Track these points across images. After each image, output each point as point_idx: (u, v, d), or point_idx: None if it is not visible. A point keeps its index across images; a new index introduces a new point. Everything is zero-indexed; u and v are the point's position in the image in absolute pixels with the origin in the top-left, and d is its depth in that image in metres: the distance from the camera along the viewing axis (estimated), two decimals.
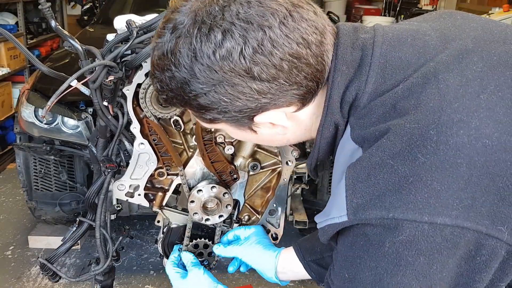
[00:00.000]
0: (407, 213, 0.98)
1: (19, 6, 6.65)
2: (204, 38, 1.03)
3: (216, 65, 1.04)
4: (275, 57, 1.04)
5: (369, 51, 1.14)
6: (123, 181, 1.86)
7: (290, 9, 1.06)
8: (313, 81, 1.12)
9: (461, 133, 0.98)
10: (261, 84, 1.07)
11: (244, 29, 1.02)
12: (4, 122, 6.08)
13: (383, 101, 1.09)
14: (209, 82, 1.07)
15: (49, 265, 1.93)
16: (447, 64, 1.08)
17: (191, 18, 1.05)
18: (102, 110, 1.71)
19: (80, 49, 1.64)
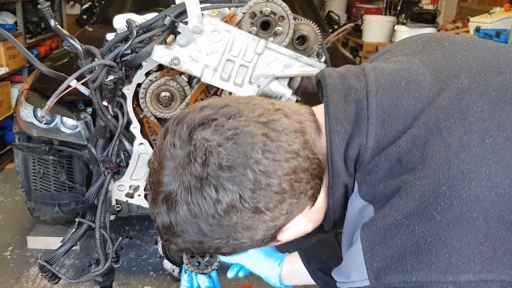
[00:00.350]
0: (431, 275, 0.96)
1: (18, 5, 6.63)
2: (201, 201, 1.01)
3: (223, 221, 1.03)
4: (273, 186, 1.02)
5: (364, 103, 1.09)
6: (123, 182, 1.84)
7: (265, 132, 1.03)
8: (315, 179, 1.11)
9: (473, 185, 0.95)
10: (272, 213, 1.05)
11: (232, 177, 1.00)
12: (3, 122, 6.06)
13: (388, 156, 1.06)
14: (223, 235, 1.06)
15: (49, 266, 1.91)
16: (446, 109, 1.04)
17: (179, 186, 1.03)
18: (102, 110, 1.69)
19: (79, 48, 1.62)
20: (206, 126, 1.03)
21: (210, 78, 1.66)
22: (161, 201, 1.06)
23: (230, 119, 1.03)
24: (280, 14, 1.69)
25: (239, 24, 1.70)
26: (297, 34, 1.75)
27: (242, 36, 1.67)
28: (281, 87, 1.73)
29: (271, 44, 1.69)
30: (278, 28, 1.70)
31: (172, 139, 1.05)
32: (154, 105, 1.74)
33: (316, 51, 1.79)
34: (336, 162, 1.11)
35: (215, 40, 1.65)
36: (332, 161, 1.11)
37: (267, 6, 1.67)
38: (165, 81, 1.73)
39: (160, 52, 1.59)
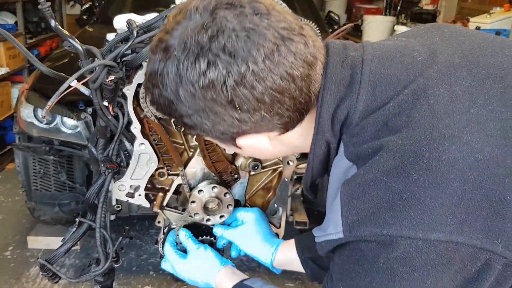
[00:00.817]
0: (401, 230, 0.99)
1: (18, 5, 6.65)
2: (190, 66, 1.05)
3: (199, 93, 1.07)
4: (256, 91, 1.05)
5: (359, 69, 1.14)
6: (124, 182, 1.85)
7: (278, 44, 1.06)
8: (296, 112, 1.14)
9: (453, 148, 1.00)
10: (242, 114, 1.09)
11: (228, 62, 1.03)
12: (3, 122, 6.07)
13: (375, 119, 1.10)
14: (191, 107, 1.10)
15: (49, 265, 1.92)
16: (436, 79, 1.09)
17: (181, 44, 1.07)
18: (102, 110, 1.70)
19: (80, 48, 1.63)
20: (232, 9, 1.06)
21: None
22: (160, 49, 1.11)
23: (256, 15, 1.06)
24: None
25: None
26: None
27: None
28: None
29: None
30: None
31: (198, 3, 1.09)
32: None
33: None
34: (323, 119, 1.16)
35: None
36: (320, 117, 1.16)
37: None
38: None
39: None
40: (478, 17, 5.11)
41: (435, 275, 1.01)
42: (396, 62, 1.14)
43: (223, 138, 1.19)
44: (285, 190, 1.93)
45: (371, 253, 1.05)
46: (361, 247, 1.07)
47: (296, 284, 3.85)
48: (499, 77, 1.09)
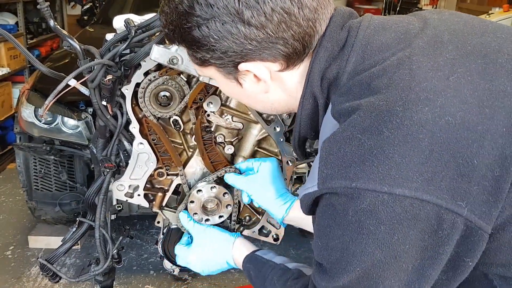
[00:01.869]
0: (368, 183, 1.03)
1: (19, 6, 6.65)
2: None
3: (211, 1, 1.11)
4: (267, 6, 1.10)
5: (354, 33, 1.20)
6: (123, 181, 1.85)
7: None
8: (299, 42, 1.18)
9: (426, 110, 1.03)
10: (249, 28, 1.12)
11: None
12: (4, 122, 6.07)
13: (360, 80, 1.14)
14: (202, 15, 1.13)
15: (49, 265, 1.92)
16: (422, 49, 1.13)
17: None
18: (101, 110, 1.71)
19: (78, 48, 1.64)
20: None
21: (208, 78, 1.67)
22: None
23: None
24: None
25: None
26: None
27: None
28: None
29: None
30: None
31: None
32: (153, 104, 1.75)
33: None
34: (313, 74, 1.22)
35: None
36: (311, 72, 1.22)
37: None
38: (164, 81, 1.74)
39: (159, 52, 1.60)
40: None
41: (402, 230, 1.03)
42: (390, 32, 1.19)
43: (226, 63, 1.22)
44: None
45: (341, 207, 1.08)
46: (332, 202, 1.11)
47: None
48: (483, 54, 1.12)
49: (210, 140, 1.82)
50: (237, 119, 1.83)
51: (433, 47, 1.14)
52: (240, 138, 1.88)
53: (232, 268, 1.77)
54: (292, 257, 4.04)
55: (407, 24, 1.23)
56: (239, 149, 1.89)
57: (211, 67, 1.26)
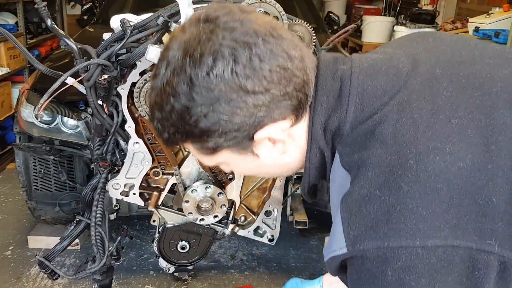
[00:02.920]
0: (401, 241, 1.04)
1: (19, 6, 6.64)
2: (197, 63, 1.09)
3: (211, 84, 1.09)
4: (264, 70, 1.10)
5: (347, 81, 1.21)
6: (118, 180, 1.86)
7: (270, 30, 1.13)
8: (302, 92, 1.18)
9: (437, 159, 1.06)
10: (255, 97, 1.11)
11: (232, 48, 1.08)
12: (4, 122, 6.06)
13: (364, 129, 1.17)
14: (206, 102, 1.11)
15: (47, 262, 1.93)
16: (419, 91, 1.15)
17: (181, 50, 1.11)
18: (97, 109, 1.71)
19: (74, 47, 1.64)
20: (221, 10, 1.15)
21: None
22: (162, 66, 1.14)
23: (243, 12, 1.15)
24: (273, 15, 1.70)
25: None
26: None
27: None
28: None
29: None
30: None
31: (190, 19, 1.17)
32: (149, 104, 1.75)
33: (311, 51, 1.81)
34: (315, 129, 1.23)
35: None
36: (313, 127, 1.23)
37: (260, 7, 1.68)
38: None
39: (154, 52, 1.61)
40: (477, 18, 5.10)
41: (441, 279, 1.04)
42: (382, 74, 1.21)
43: (241, 140, 1.20)
44: (280, 191, 1.94)
45: (378, 269, 1.09)
46: (368, 267, 1.11)
47: None
48: (478, 86, 1.15)
49: None
50: None
51: (429, 87, 1.16)
52: None
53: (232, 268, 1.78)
54: (292, 257, 4.06)
55: (396, 63, 1.24)
56: None
57: (224, 151, 1.24)
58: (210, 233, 1.99)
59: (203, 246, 2.11)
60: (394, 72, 1.21)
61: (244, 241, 4.21)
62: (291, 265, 4.02)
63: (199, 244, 2.11)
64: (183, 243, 2.23)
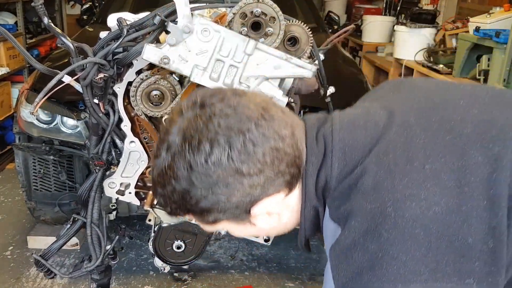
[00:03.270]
0: (383, 287, 1.11)
1: (18, 5, 6.64)
2: (196, 150, 1.16)
3: (209, 170, 1.17)
4: (258, 154, 1.18)
5: (329, 138, 1.28)
6: (114, 179, 1.86)
7: (262, 112, 1.21)
8: (293, 167, 1.26)
9: (414, 205, 1.11)
10: (251, 178, 1.19)
11: (227, 136, 1.16)
12: (3, 122, 6.06)
13: (348, 183, 1.23)
14: (206, 186, 1.19)
15: (43, 261, 1.93)
16: (394, 142, 1.22)
17: (181, 136, 1.19)
18: (93, 108, 1.71)
19: (71, 46, 1.64)
20: (215, 96, 1.23)
21: (200, 77, 1.67)
22: (163, 149, 1.22)
23: (236, 96, 1.24)
24: (271, 15, 1.69)
25: (230, 25, 1.71)
26: (288, 35, 1.76)
27: (232, 36, 1.68)
28: (272, 88, 1.74)
29: (261, 45, 1.69)
30: (269, 29, 1.71)
31: (187, 103, 1.24)
32: (145, 103, 1.75)
33: (307, 52, 1.80)
34: (309, 188, 1.30)
35: (205, 40, 1.66)
36: (306, 187, 1.30)
37: (257, 7, 1.68)
38: (156, 80, 1.74)
39: (150, 51, 1.61)
40: (478, 17, 5.09)
41: None
42: (361, 129, 1.28)
43: (239, 214, 1.27)
44: None
45: None
46: None
47: (296, 284, 3.85)
48: (449, 129, 1.21)
49: None
50: None
51: (404, 136, 1.22)
52: None
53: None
54: (292, 258, 4.06)
55: (373, 116, 1.31)
56: None
57: (223, 222, 1.32)
58: (205, 233, 1.98)
59: (198, 246, 2.11)
60: (372, 126, 1.28)
61: (244, 242, 4.21)
62: (291, 265, 4.02)
63: (195, 244, 2.11)
64: (179, 243, 2.23)
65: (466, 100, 1.32)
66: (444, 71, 5.38)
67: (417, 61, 6.02)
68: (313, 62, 1.81)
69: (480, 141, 1.18)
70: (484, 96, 1.35)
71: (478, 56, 4.97)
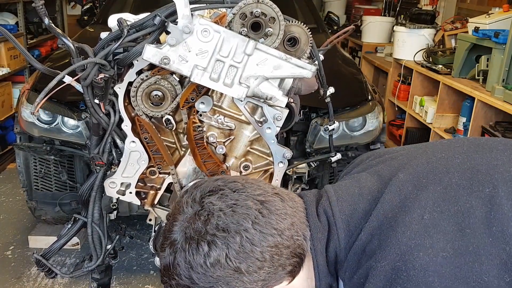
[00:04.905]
0: None
1: (19, 6, 6.65)
2: (195, 251, 1.21)
3: (209, 272, 1.21)
4: (256, 253, 1.21)
5: (330, 212, 1.32)
6: (115, 179, 1.86)
7: (259, 208, 1.25)
8: (294, 258, 1.28)
9: (421, 255, 1.15)
10: (250, 276, 1.22)
11: (224, 237, 1.20)
12: (4, 122, 6.08)
13: (355, 250, 1.28)
14: (206, 284, 1.23)
15: (44, 261, 1.94)
16: (390, 201, 1.27)
17: (182, 236, 1.23)
18: (94, 108, 1.72)
19: (71, 46, 1.65)
20: (214, 193, 1.27)
21: (200, 78, 1.68)
22: (167, 246, 1.27)
23: (235, 192, 1.27)
24: (270, 15, 1.70)
25: (230, 25, 1.72)
26: (288, 36, 1.76)
27: (232, 36, 1.68)
28: (271, 88, 1.75)
29: (260, 45, 1.70)
30: (268, 29, 1.72)
31: (187, 199, 1.29)
32: (145, 103, 1.76)
33: (307, 52, 1.81)
34: (321, 268, 1.33)
35: (205, 40, 1.67)
36: (318, 266, 1.33)
37: (257, 7, 1.69)
38: (156, 80, 1.75)
39: (150, 51, 1.62)
40: (477, 18, 5.09)
41: None
42: (357, 196, 1.33)
43: None
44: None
45: None
46: None
47: None
48: (438, 181, 1.27)
49: (202, 140, 1.83)
50: (229, 120, 1.85)
51: (397, 194, 1.27)
52: (232, 138, 1.89)
53: None
54: None
55: (364, 183, 1.37)
56: (231, 149, 1.90)
57: None
58: None
59: None
60: (367, 192, 1.33)
61: None
62: None
63: None
64: None
65: (446, 152, 1.38)
66: (443, 71, 5.38)
67: (416, 61, 6.02)
68: (312, 63, 1.81)
69: (469, 187, 1.23)
70: (462, 146, 1.41)
71: (477, 57, 4.97)
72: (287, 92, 1.82)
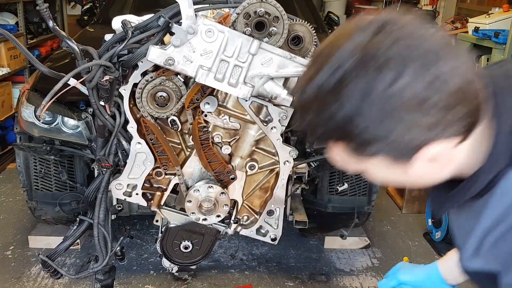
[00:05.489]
0: None
1: (19, 6, 6.64)
2: (376, 75, 0.99)
3: (387, 102, 0.99)
4: (443, 93, 1.00)
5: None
6: (121, 181, 1.87)
7: (448, 49, 1.03)
8: (473, 117, 1.08)
9: None
10: (430, 118, 1.01)
11: (415, 68, 0.98)
12: (4, 122, 6.07)
13: None
14: (376, 119, 1.01)
15: (50, 262, 1.94)
16: None
17: (359, 55, 1.00)
18: (99, 110, 1.72)
19: (76, 49, 1.65)
20: (401, 22, 1.03)
21: (204, 78, 1.68)
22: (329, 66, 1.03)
23: (422, 28, 1.03)
24: (274, 15, 1.70)
25: (234, 25, 1.72)
26: (292, 35, 1.77)
27: (236, 36, 1.69)
28: (276, 87, 1.75)
29: (265, 44, 1.70)
30: (272, 28, 1.72)
31: (368, 20, 1.04)
32: (150, 104, 1.76)
33: (311, 51, 1.81)
34: (500, 148, 1.14)
35: (209, 41, 1.67)
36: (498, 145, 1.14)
37: (261, 7, 1.69)
38: (161, 81, 1.75)
39: (155, 53, 1.62)
40: (477, 18, 5.10)
41: None
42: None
43: (403, 153, 1.08)
44: (283, 191, 1.94)
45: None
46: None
47: (295, 283, 3.85)
48: None
49: (207, 140, 1.83)
50: (234, 120, 1.85)
51: None
52: (238, 138, 1.90)
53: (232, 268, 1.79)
54: (292, 257, 4.06)
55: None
56: (236, 149, 1.90)
57: (376, 159, 1.11)
58: (212, 233, 1.99)
59: (206, 246, 2.12)
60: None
61: (244, 241, 4.22)
62: (291, 265, 4.02)
63: (202, 244, 2.11)
64: (186, 243, 2.24)
65: None
66: None
67: None
68: None
69: None
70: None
71: (477, 57, 4.98)
72: (292, 91, 1.81)
